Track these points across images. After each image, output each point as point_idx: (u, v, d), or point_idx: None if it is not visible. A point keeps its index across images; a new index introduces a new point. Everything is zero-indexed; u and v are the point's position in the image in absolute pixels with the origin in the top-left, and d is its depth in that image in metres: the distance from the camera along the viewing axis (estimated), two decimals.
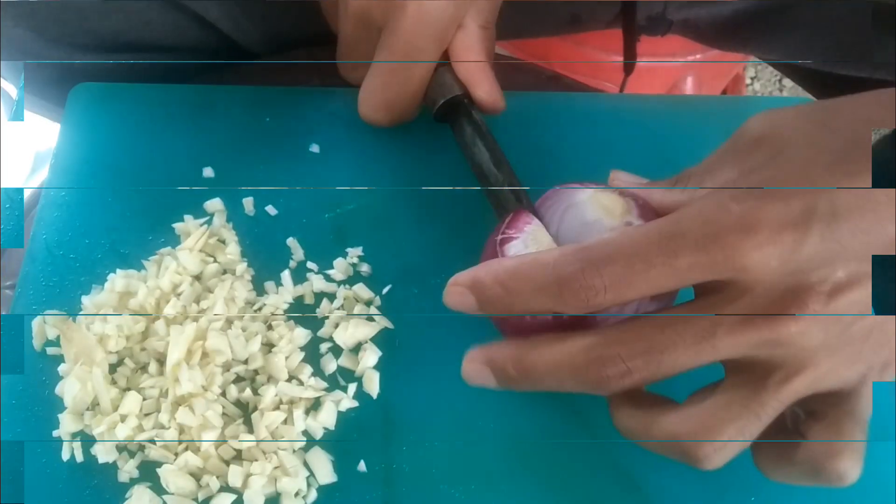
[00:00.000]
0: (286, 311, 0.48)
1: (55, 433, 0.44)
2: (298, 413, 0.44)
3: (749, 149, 0.36)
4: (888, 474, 0.45)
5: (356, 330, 0.47)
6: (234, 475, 0.42)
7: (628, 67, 0.70)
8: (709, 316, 0.32)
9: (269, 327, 0.47)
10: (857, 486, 0.36)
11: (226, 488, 0.43)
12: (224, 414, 0.44)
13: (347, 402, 0.46)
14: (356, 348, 0.48)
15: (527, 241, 0.40)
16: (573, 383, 0.35)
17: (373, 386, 0.46)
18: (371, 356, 0.47)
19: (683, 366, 0.33)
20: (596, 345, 0.34)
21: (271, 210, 0.52)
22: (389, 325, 0.48)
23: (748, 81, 1.31)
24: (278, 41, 0.65)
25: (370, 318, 0.48)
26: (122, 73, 0.62)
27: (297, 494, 0.43)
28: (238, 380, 0.46)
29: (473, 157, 0.49)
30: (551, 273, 0.34)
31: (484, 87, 0.50)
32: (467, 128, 0.50)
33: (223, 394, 0.45)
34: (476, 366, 0.39)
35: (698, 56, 0.99)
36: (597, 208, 0.39)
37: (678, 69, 1.01)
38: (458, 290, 0.38)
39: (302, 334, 0.47)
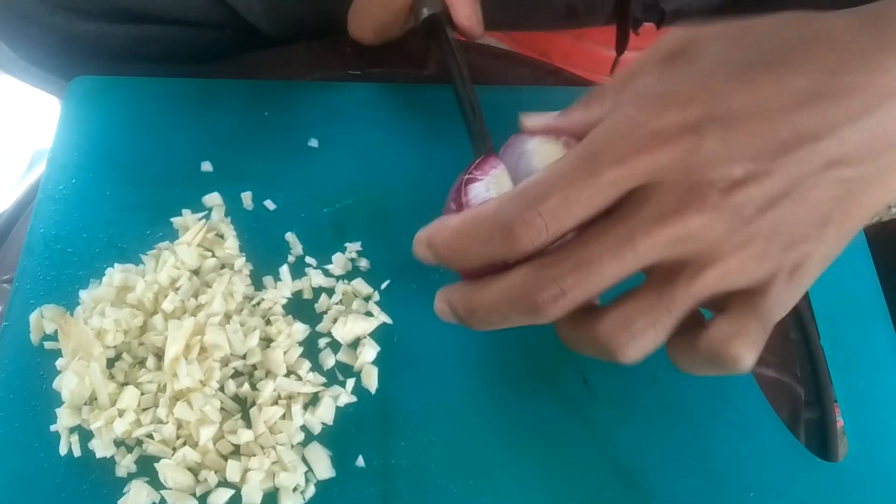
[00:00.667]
0: (284, 306, 0.48)
1: (53, 428, 0.44)
2: (297, 408, 0.44)
3: (665, 59, 0.38)
4: (876, 456, 0.46)
5: (355, 325, 0.47)
6: (233, 470, 0.42)
7: (620, 48, 0.71)
8: (626, 223, 0.34)
9: (268, 322, 0.47)
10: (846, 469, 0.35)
11: (224, 483, 0.43)
12: (222, 409, 0.44)
13: (346, 397, 0.46)
14: (355, 343, 0.48)
15: (489, 184, 0.41)
16: (516, 315, 0.36)
17: (371, 381, 0.46)
18: (369, 351, 0.47)
19: (611, 276, 0.34)
20: (528, 274, 0.35)
21: (270, 205, 0.52)
22: (388, 320, 0.48)
23: None
24: (283, 20, 0.64)
25: (369, 314, 0.48)
26: (124, 44, 0.62)
27: (295, 489, 0.43)
28: (236, 375, 0.46)
29: (449, 79, 0.51)
30: (493, 223, 0.35)
31: (464, 12, 0.52)
32: (445, 50, 0.52)
33: (221, 389, 0.45)
34: (440, 304, 0.40)
35: None
36: (542, 155, 0.41)
37: None
38: (420, 247, 0.40)
39: (300, 329, 0.47)
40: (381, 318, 0.48)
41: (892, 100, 0.33)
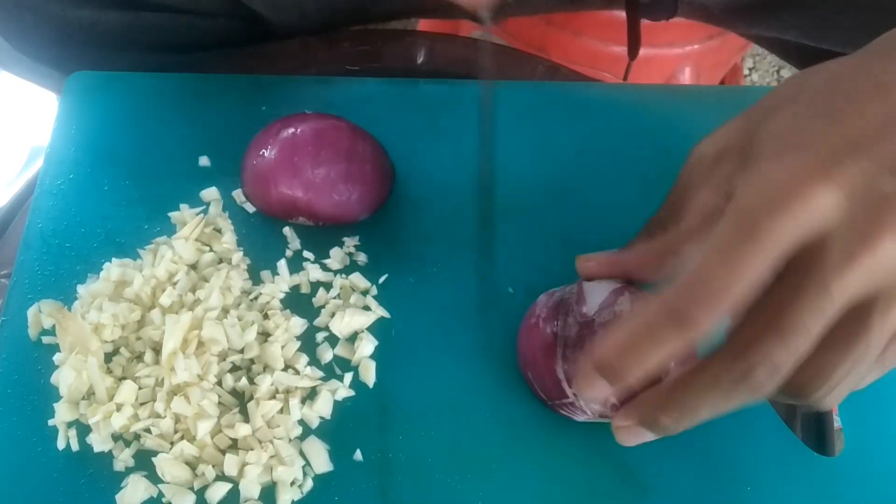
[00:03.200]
0: (282, 301, 0.48)
1: (51, 422, 0.44)
2: (294, 402, 0.44)
3: (712, 167, 0.38)
4: (872, 451, 0.46)
5: (352, 319, 0.47)
6: (230, 464, 0.42)
7: (632, 52, 0.69)
8: (814, 274, 0.33)
9: (265, 316, 0.47)
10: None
11: (221, 477, 0.43)
12: (220, 403, 0.44)
13: (343, 391, 0.46)
14: (352, 337, 0.48)
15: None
16: (729, 404, 0.35)
17: (369, 375, 0.46)
18: (367, 345, 0.47)
19: (816, 334, 0.33)
20: (733, 359, 0.34)
21: None
22: (386, 314, 0.48)
23: (746, 72, 1.31)
24: (283, 4, 0.64)
25: (366, 308, 0.48)
26: (117, 31, 0.61)
27: (293, 483, 0.43)
28: (234, 369, 0.46)
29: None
30: (663, 314, 0.34)
31: None
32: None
33: (219, 383, 0.45)
34: (630, 432, 0.39)
35: (696, 46, 0.99)
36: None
37: (676, 59, 1.01)
38: (586, 380, 0.37)
39: (298, 323, 0.47)
40: (379, 312, 0.48)
41: None
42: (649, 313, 0.35)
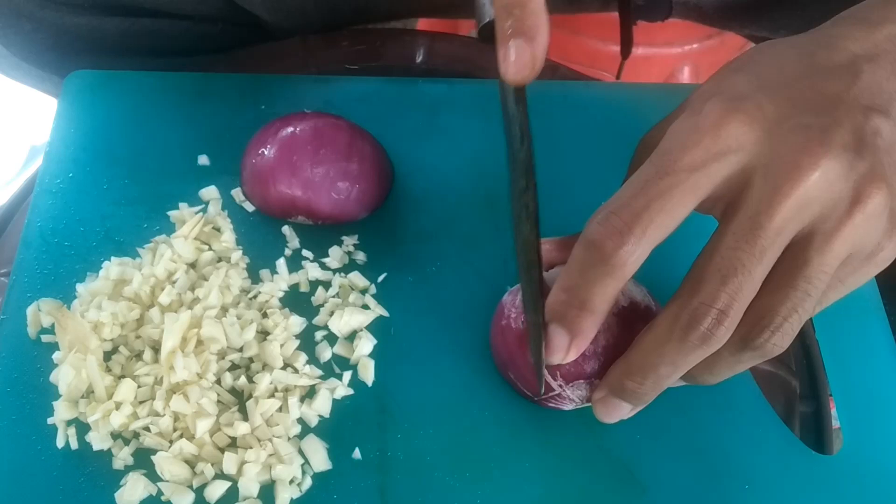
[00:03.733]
0: (281, 299, 0.48)
1: (50, 420, 0.44)
2: (293, 401, 0.44)
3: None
4: (870, 449, 0.46)
5: (351, 318, 0.47)
6: (229, 462, 0.42)
7: (625, 51, 0.70)
8: (743, 212, 0.33)
9: (264, 315, 0.47)
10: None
11: (220, 476, 0.43)
12: (219, 402, 0.44)
13: (342, 389, 0.46)
14: (351, 336, 0.48)
15: None
16: (688, 358, 0.35)
17: (367, 374, 0.46)
18: (366, 344, 0.47)
19: (759, 275, 0.33)
20: (678, 312, 0.35)
21: None
22: (385, 312, 0.48)
23: None
24: (282, 8, 0.64)
25: (365, 307, 0.48)
26: (115, 38, 0.61)
27: (291, 482, 0.43)
28: (233, 367, 0.46)
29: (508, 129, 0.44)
30: (583, 251, 0.35)
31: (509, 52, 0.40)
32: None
33: (218, 381, 0.45)
34: (607, 400, 0.39)
35: (695, 46, 0.99)
36: None
37: (675, 58, 1.01)
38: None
39: (297, 322, 0.47)
40: (378, 310, 0.48)
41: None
42: (575, 255, 0.36)
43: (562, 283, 0.37)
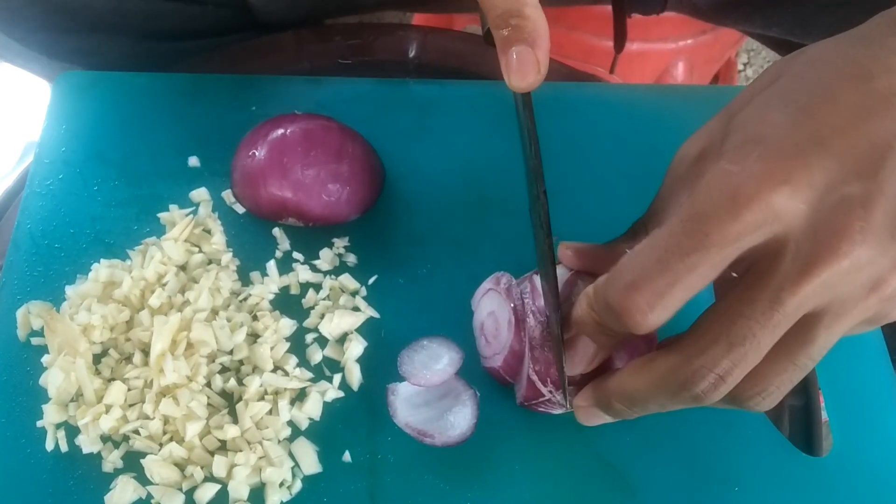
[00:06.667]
0: (271, 302, 0.48)
1: (39, 424, 0.44)
2: (283, 403, 0.44)
3: (693, 166, 0.37)
4: (860, 451, 0.46)
5: (342, 320, 0.47)
6: (219, 465, 0.42)
7: (618, 45, 0.69)
8: (767, 286, 0.32)
9: (255, 318, 0.47)
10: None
11: (210, 478, 0.43)
12: (209, 404, 0.44)
13: (333, 392, 0.46)
14: (342, 339, 0.48)
15: None
16: (676, 405, 0.36)
17: (353, 378, 0.46)
18: (356, 346, 0.47)
19: (766, 346, 0.33)
20: (679, 364, 0.34)
21: None
22: (376, 314, 0.48)
23: (740, 67, 1.30)
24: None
25: (356, 309, 0.48)
26: (103, 16, 0.61)
27: (282, 485, 0.43)
28: (223, 370, 0.46)
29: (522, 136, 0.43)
30: (598, 306, 0.35)
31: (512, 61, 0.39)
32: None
33: (208, 384, 0.45)
34: (586, 408, 0.40)
35: (689, 41, 0.99)
36: None
37: (669, 54, 1.00)
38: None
39: (287, 325, 0.47)
40: (369, 312, 0.48)
41: None
42: (596, 311, 0.35)
43: (581, 327, 0.37)
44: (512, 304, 0.43)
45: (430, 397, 0.45)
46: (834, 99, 0.33)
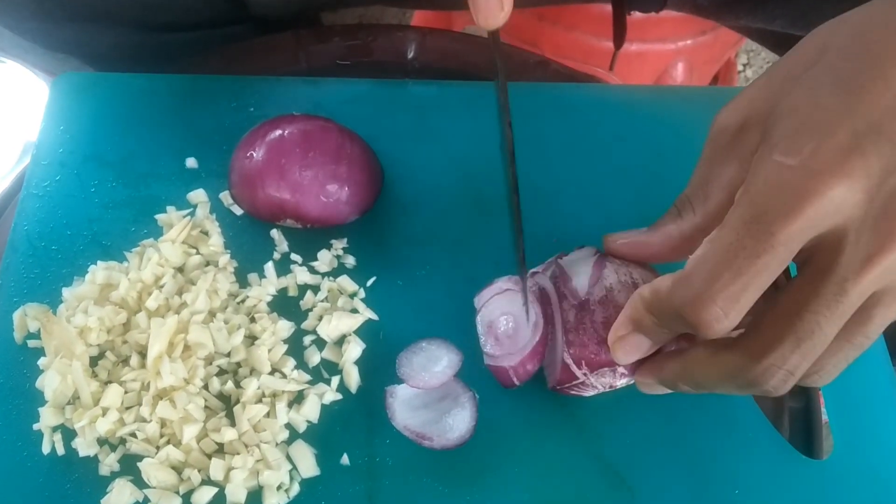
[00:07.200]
0: (269, 304, 0.48)
1: (36, 426, 0.44)
2: (281, 406, 0.44)
3: (736, 138, 0.37)
4: (861, 454, 0.46)
5: (340, 322, 0.47)
6: (216, 468, 0.42)
7: (617, 42, 0.69)
8: (830, 278, 0.32)
9: (252, 320, 0.47)
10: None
11: (207, 481, 0.42)
12: (206, 407, 0.44)
13: (331, 394, 0.45)
14: (340, 341, 0.47)
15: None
16: (741, 393, 0.36)
17: (352, 381, 0.46)
18: (355, 348, 0.47)
19: (831, 336, 0.33)
20: (749, 363, 0.34)
21: None
22: (374, 316, 0.48)
23: (740, 68, 1.30)
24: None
25: (354, 311, 0.48)
26: (97, 7, 0.61)
27: (279, 488, 0.43)
28: (220, 373, 0.45)
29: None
30: (669, 312, 0.35)
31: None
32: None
33: (205, 387, 0.44)
34: (648, 380, 0.40)
35: (689, 42, 0.99)
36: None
37: (669, 54, 1.00)
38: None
39: (285, 327, 0.47)
40: (367, 314, 0.48)
41: None
42: (657, 302, 0.35)
43: (635, 314, 0.37)
44: (541, 306, 0.43)
45: (429, 399, 0.44)
46: (886, 77, 0.33)
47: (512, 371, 0.44)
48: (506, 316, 0.45)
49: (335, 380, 0.46)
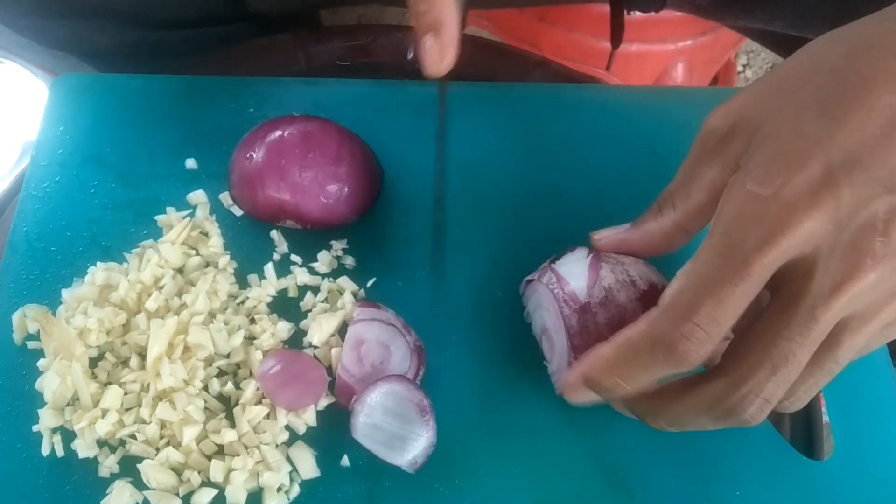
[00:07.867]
0: (269, 305, 0.48)
1: (35, 428, 0.44)
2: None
3: (723, 142, 0.38)
4: (862, 455, 0.46)
5: (327, 324, 0.47)
6: (216, 470, 0.42)
7: (615, 41, 0.69)
8: (801, 305, 0.33)
9: (252, 321, 0.47)
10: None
11: (207, 483, 0.42)
12: (206, 408, 0.44)
13: (330, 396, 0.45)
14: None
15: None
16: (719, 427, 0.37)
17: None
18: None
19: (804, 362, 0.34)
20: (725, 390, 0.35)
21: None
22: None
23: (740, 69, 1.30)
24: None
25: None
26: (94, 3, 0.61)
27: (279, 489, 0.43)
28: (220, 374, 0.45)
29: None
30: (652, 345, 0.35)
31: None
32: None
33: (205, 388, 0.44)
34: (624, 410, 0.41)
35: (689, 42, 0.98)
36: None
37: (668, 55, 1.00)
38: (572, 389, 0.40)
39: (285, 328, 0.47)
40: None
41: None
42: (638, 337, 0.36)
43: (612, 354, 0.37)
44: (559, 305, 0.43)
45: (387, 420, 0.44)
46: (869, 106, 0.33)
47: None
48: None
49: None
